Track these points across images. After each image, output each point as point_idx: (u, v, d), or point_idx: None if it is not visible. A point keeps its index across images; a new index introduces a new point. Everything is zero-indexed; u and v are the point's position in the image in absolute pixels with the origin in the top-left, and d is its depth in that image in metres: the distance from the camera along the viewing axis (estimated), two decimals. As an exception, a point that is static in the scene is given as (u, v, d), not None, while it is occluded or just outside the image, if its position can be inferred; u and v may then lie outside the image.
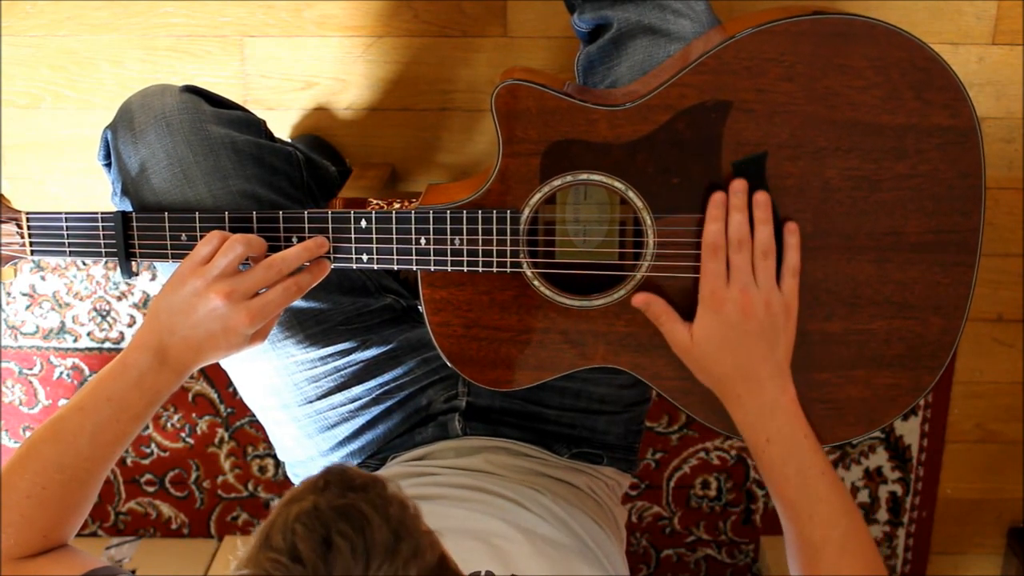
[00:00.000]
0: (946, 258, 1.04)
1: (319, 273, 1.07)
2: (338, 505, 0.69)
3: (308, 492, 0.71)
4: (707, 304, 1.03)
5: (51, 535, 1.02)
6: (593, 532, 1.17)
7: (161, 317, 1.03)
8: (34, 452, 1.02)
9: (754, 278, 1.03)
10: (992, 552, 1.85)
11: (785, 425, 1.03)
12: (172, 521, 1.83)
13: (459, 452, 1.22)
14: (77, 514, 1.04)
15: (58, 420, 1.03)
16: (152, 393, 1.03)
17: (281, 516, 0.69)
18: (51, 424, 1.03)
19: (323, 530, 0.67)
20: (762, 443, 1.04)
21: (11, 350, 1.75)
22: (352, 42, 1.59)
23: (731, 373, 1.04)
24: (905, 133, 1.01)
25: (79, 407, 1.03)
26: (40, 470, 1.01)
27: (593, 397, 1.25)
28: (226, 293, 1.01)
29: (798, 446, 1.03)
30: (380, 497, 0.71)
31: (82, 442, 1.02)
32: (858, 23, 0.99)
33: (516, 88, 1.03)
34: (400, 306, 1.27)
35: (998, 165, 1.63)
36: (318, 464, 1.24)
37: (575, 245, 1.13)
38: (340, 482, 0.71)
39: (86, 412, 1.02)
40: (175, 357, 1.03)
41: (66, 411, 1.03)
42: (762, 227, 1.02)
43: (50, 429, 1.03)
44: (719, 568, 1.86)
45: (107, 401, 1.02)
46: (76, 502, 1.03)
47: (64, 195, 1.68)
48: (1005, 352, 1.73)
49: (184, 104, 1.14)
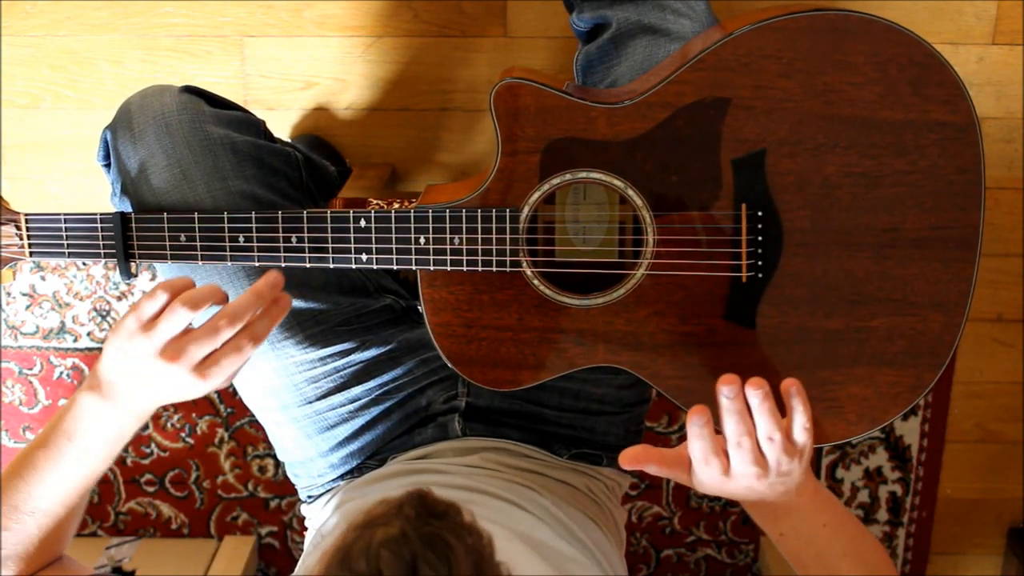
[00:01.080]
0: (946, 254, 1.04)
1: (278, 315, 1.00)
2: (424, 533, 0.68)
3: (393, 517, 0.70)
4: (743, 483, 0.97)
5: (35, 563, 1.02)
6: (592, 533, 1.17)
7: (113, 367, 0.99)
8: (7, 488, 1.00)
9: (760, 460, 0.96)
10: (992, 552, 1.84)
11: (800, 523, 1.02)
12: (172, 521, 1.83)
13: (458, 452, 1.21)
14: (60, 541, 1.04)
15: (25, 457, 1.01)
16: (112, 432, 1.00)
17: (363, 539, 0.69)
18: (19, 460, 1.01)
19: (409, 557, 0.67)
20: (775, 536, 1.04)
21: (11, 350, 1.75)
22: (352, 42, 1.59)
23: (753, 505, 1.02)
24: (904, 129, 1.01)
25: (42, 444, 1.00)
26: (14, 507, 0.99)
27: (592, 398, 1.25)
28: (176, 361, 0.96)
29: (814, 537, 1.02)
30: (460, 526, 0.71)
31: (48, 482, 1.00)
32: (856, 19, 0.99)
33: (515, 86, 1.03)
34: (400, 306, 1.27)
35: (998, 165, 1.63)
36: (318, 465, 1.24)
37: (575, 244, 1.13)
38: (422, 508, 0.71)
39: (49, 450, 1.00)
40: (132, 403, 1.00)
41: (31, 448, 1.01)
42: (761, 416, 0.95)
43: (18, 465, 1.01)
44: (719, 568, 1.86)
45: (67, 441, 1.00)
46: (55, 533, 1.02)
47: (64, 195, 1.68)
48: (1005, 352, 1.73)
49: (183, 104, 1.14)
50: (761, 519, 1.04)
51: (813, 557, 1.03)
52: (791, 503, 1.01)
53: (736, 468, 0.96)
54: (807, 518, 1.02)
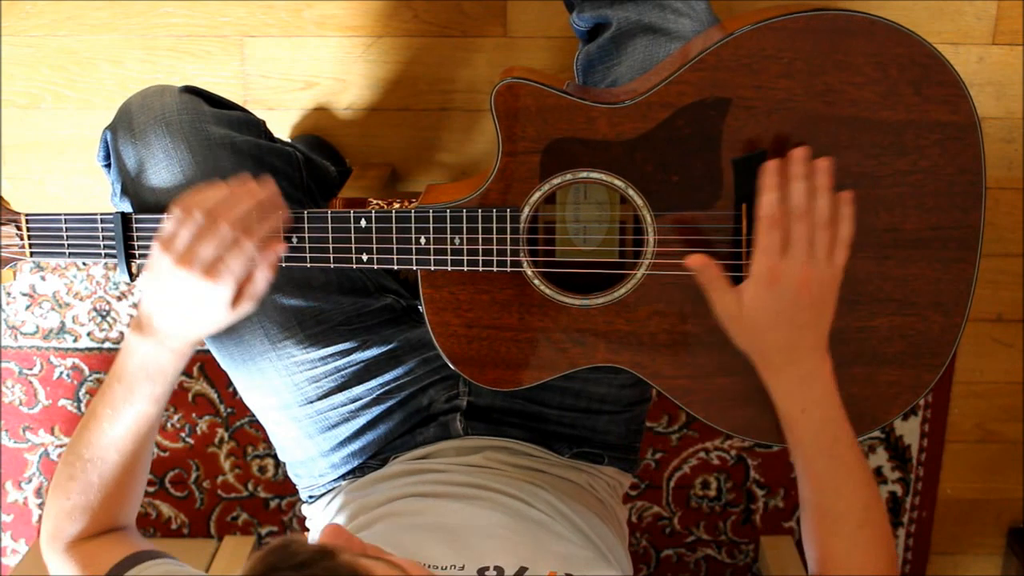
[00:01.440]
0: (946, 254, 1.04)
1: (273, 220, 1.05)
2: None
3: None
4: (761, 278, 1.00)
5: (99, 518, 1.11)
6: (597, 527, 1.17)
7: (148, 298, 1.06)
8: (72, 440, 1.10)
9: (812, 250, 0.99)
10: (992, 552, 1.84)
11: (822, 396, 1.03)
12: (172, 521, 1.83)
13: (460, 452, 1.22)
14: (120, 498, 1.12)
15: (89, 408, 1.10)
16: (156, 371, 1.08)
17: None
18: (87, 412, 1.10)
19: None
20: (796, 413, 1.03)
21: (11, 350, 1.75)
22: (352, 42, 1.59)
23: (776, 344, 1.02)
24: (904, 129, 1.01)
25: (100, 393, 1.10)
26: (77, 455, 1.09)
27: (593, 397, 1.25)
28: (188, 264, 1.02)
29: (833, 417, 1.03)
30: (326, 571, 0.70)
31: (104, 426, 1.09)
32: (857, 19, 0.99)
33: (515, 86, 1.03)
34: (400, 306, 1.27)
35: (998, 165, 1.63)
36: (319, 465, 1.24)
37: (575, 244, 1.13)
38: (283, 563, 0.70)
39: (104, 396, 1.09)
40: (170, 332, 1.06)
41: (94, 399, 1.10)
42: (824, 195, 0.99)
43: (85, 416, 1.10)
44: (719, 568, 1.86)
45: (118, 382, 1.08)
46: (114, 485, 1.10)
47: (64, 195, 1.68)
48: (1005, 352, 1.73)
49: (184, 104, 1.14)
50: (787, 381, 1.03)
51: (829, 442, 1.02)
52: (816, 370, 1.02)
53: (796, 236, 0.98)
54: (829, 393, 1.03)
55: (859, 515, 1.01)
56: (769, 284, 1.00)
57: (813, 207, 0.99)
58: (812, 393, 1.03)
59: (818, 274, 1.00)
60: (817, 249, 1.00)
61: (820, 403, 1.03)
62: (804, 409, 1.03)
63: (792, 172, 0.99)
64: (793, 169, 0.99)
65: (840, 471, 1.02)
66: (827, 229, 1.00)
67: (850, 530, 1.01)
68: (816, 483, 1.03)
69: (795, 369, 1.03)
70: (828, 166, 0.99)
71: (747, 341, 1.04)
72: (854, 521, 1.01)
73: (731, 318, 1.03)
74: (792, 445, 1.05)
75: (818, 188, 0.99)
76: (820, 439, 1.03)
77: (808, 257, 0.99)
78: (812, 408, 1.02)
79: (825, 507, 1.02)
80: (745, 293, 1.01)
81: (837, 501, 1.02)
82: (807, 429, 1.03)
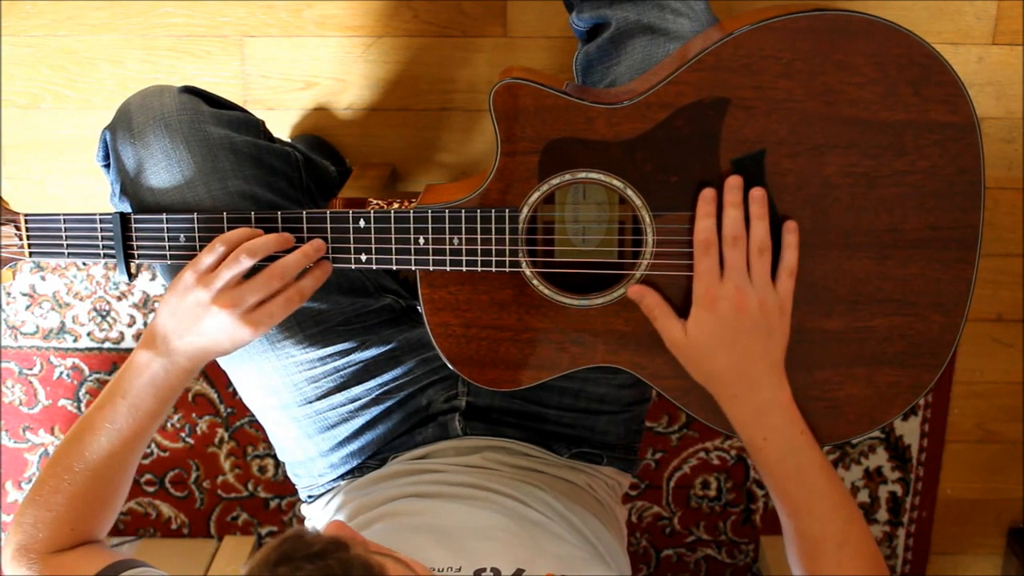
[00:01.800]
0: (946, 254, 1.04)
1: (321, 276, 1.08)
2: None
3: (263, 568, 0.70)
4: (701, 302, 1.03)
5: (79, 530, 1.09)
6: (595, 528, 1.17)
7: (167, 321, 1.06)
8: (62, 450, 1.09)
9: (748, 276, 1.02)
10: (992, 552, 1.84)
11: (781, 423, 1.03)
12: (172, 521, 1.83)
13: (459, 452, 1.22)
14: (104, 511, 1.11)
15: (83, 419, 1.09)
16: (164, 388, 1.08)
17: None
18: (77, 424, 1.10)
19: None
20: (759, 441, 1.04)
21: (11, 350, 1.75)
22: (352, 42, 1.59)
23: (725, 371, 1.03)
24: (904, 129, 1.01)
25: (98, 405, 1.09)
26: (67, 467, 1.08)
27: (593, 397, 1.25)
28: (231, 307, 1.04)
29: (795, 443, 1.03)
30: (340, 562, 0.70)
31: (102, 440, 1.08)
32: (856, 19, 0.99)
33: (514, 86, 1.03)
34: (399, 306, 1.27)
35: (998, 165, 1.63)
36: (318, 464, 1.24)
37: (574, 244, 1.13)
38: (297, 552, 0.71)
39: (104, 410, 1.08)
40: (184, 355, 1.07)
41: (89, 410, 1.10)
42: (758, 223, 1.02)
43: (75, 428, 1.09)
44: (719, 568, 1.86)
45: (122, 399, 1.08)
46: (102, 499, 1.10)
47: (64, 195, 1.68)
48: (1005, 352, 1.73)
49: (183, 105, 1.14)
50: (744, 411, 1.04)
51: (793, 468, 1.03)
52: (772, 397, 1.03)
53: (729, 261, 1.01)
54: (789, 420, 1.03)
55: (837, 536, 1.01)
56: (707, 307, 1.02)
57: (747, 234, 1.01)
58: (771, 421, 1.03)
59: (758, 299, 1.01)
60: (755, 274, 1.01)
61: (781, 430, 1.03)
62: (766, 438, 1.03)
63: (725, 200, 1.01)
64: (726, 197, 1.01)
65: (812, 495, 1.02)
66: (763, 255, 1.01)
67: (832, 550, 1.01)
68: (790, 508, 1.04)
69: (751, 398, 1.03)
70: (762, 196, 1.01)
71: (697, 369, 1.05)
72: (833, 542, 1.01)
73: (677, 345, 1.05)
74: (760, 472, 1.06)
75: (752, 216, 1.01)
76: (785, 466, 1.03)
77: (744, 281, 1.01)
78: (773, 436, 1.03)
79: (803, 531, 1.03)
80: (690, 318, 1.03)
81: (813, 524, 1.02)
82: (771, 457, 1.03)
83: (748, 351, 1.02)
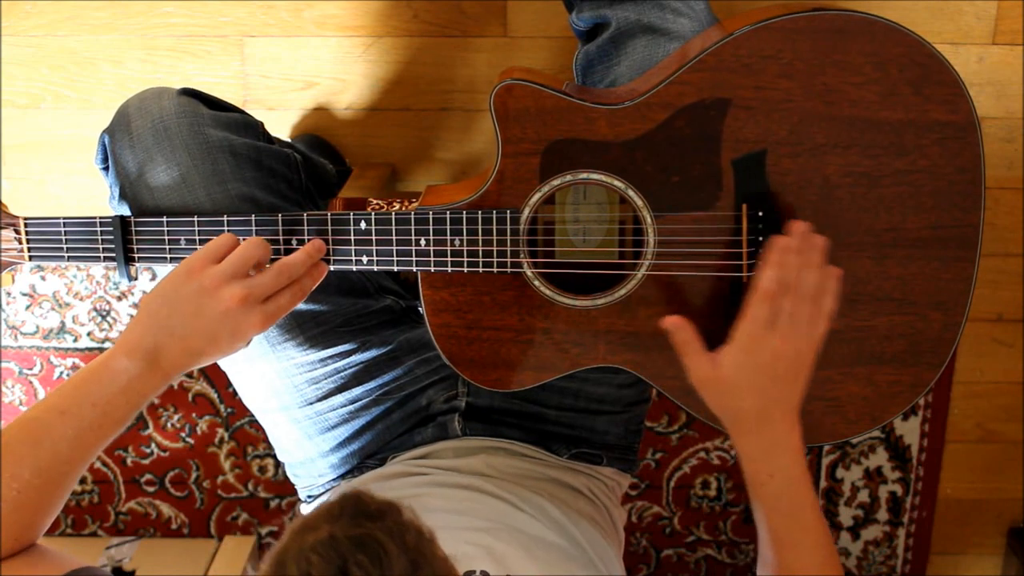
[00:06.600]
0: (946, 254, 1.04)
1: (318, 275, 1.08)
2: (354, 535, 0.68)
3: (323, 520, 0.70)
4: (743, 344, 1.00)
5: (23, 537, 0.99)
6: (589, 535, 1.17)
7: (158, 315, 1.01)
8: (9, 455, 0.98)
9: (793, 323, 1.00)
10: (992, 552, 1.84)
11: (790, 463, 1.03)
12: (172, 521, 1.83)
13: (458, 452, 1.22)
14: (51, 514, 1.01)
15: (34, 421, 0.99)
16: (138, 397, 1.01)
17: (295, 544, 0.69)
18: (26, 425, 0.99)
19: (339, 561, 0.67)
20: (763, 476, 1.03)
21: (11, 350, 1.75)
22: (352, 42, 1.59)
23: (748, 411, 1.02)
24: (904, 129, 1.01)
25: (60, 410, 0.99)
26: (15, 475, 0.97)
27: (592, 397, 1.25)
28: (242, 296, 1.00)
29: (797, 484, 1.03)
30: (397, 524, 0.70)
31: (62, 447, 0.99)
32: (856, 19, 0.99)
33: (514, 87, 1.03)
34: (400, 307, 1.27)
35: (998, 165, 1.63)
36: (318, 465, 1.24)
37: (575, 244, 1.13)
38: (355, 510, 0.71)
39: (68, 416, 0.99)
40: (168, 360, 1.01)
41: (43, 413, 1.00)
42: (815, 272, 1.00)
43: (26, 431, 0.99)
44: (719, 568, 1.86)
45: (91, 407, 0.99)
46: (51, 503, 1.00)
47: (64, 195, 1.68)
48: (1005, 352, 1.73)
49: (182, 107, 1.14)
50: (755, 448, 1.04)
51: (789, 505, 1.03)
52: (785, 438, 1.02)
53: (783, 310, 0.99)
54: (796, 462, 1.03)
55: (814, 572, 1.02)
56: (748, 351, 1.01)
57: (803, 281, 1.00)
58: (780, 460, 1.03)
59: (796, 347, 1.01)
60: (799, 323, 1.00)
61: (786, 469, 1.03)
62: (771, 474, 1.03)
63: (792, 247, 1.00)
64: (791, 244, 1.00)
65: (800, 532, 1.03)
66: (813, 303, 1.00)
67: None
68: (776, 541, 1.03)
69: (766, 435, 1.03)
70: (824, 244, 1.01)
71: (719, 404, 1.04)
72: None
73: (704, 380, 1.03)
74: (755, 503, 1.05)
75: (811, 264, 1.00)
76: (782, 502, 1.03)
77: (790, 330, 1.00)
78: (778, 474, 1.03)
79: (784, 564, 1.03)
80: (724, 357, 1.01)
81: (795, 559, 1.02)
82: (771, 492, 1.03)
83: (775, 396, 1.01)
